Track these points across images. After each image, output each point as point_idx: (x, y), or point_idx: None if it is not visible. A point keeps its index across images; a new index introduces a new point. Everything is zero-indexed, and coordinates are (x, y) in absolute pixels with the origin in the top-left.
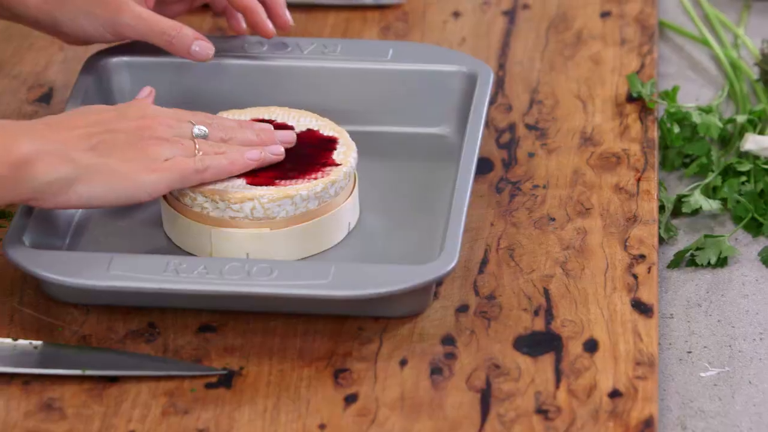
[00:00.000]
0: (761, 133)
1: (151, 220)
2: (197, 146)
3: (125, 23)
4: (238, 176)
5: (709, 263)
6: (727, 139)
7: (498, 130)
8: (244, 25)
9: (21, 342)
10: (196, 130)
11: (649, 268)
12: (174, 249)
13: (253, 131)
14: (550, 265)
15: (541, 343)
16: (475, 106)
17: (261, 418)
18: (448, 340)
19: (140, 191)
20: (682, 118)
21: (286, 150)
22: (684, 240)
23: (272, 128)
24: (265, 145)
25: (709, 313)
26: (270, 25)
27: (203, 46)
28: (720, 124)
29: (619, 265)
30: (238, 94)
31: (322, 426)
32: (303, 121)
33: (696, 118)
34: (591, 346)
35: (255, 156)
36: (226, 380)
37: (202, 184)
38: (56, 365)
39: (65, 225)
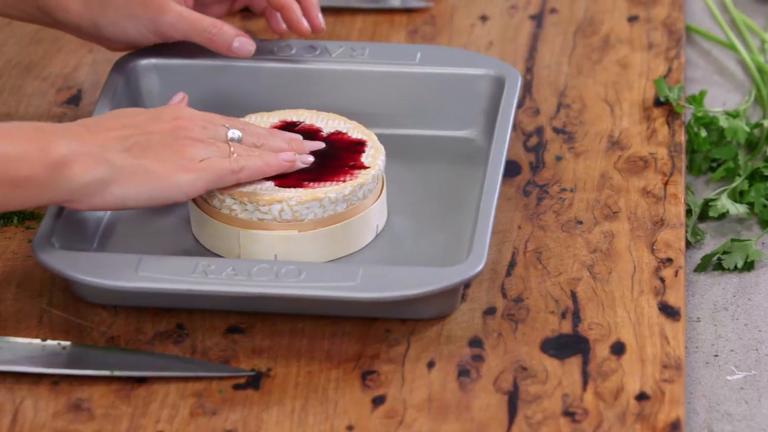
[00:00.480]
0: None
1: (179, 222)
2: (231, 148)
3: (167, 23)
4: (267, 178)
5: (735, 267)
6: (754, 144)
7: (525, 134)
8: (283, 25)
9: (50, 343)
10: (230, 134)
11: (676, 272)
12: (202, 251)
13: (284, 139)
14: (577, 268)
15: (568, 345)
16: (503, 110)
17: (289, 419)
18: (475, 343)
19: (176, 191)
20: (709, 123)
21: (316, 152)
22: (711, 244)
23: (301, 138)
24: (295, 152)
25: (736, 316)
26: (305, 23)
27: (244, 42)
28: (747, 129)
29: (646, 268)
30: (267, 96)
31: (349, 427)
32: (331, 123)
33: (723, 122)
34: (618, 348)
35: (289, 158)
36: (254, 381)
37: (236, 185)
38: (85, 366)
39: (94, 227)
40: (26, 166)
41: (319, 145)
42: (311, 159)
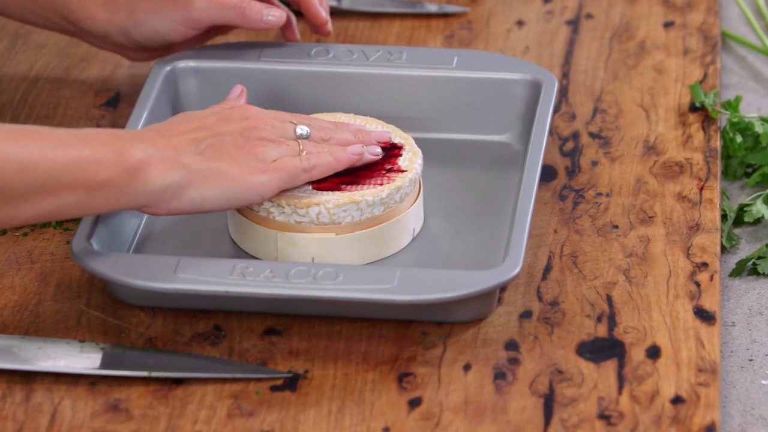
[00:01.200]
0: None
1: (216, 225)
2: (301, 146)
3: (198, 8)
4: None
5: None
6: None
7: (561, 138)
8: (298, 36)
9: (88, 343)
10: (298, 130)
11: (712, 276)
12: (240, 253)
13: (350, 132)
14: (613, 272)
15: (604, 349)
16: (540, 114)
17: (325, 420)
18: (511, 346)
19: (251, 193)
20: (744, 128)
21: None
22: (746, 249)
23: (366, 128)
24: (359, 144)
25: None
26: (323, 12)
27: (275, 13)
28: None
29: (682, 273)
30: (304, 100)
31: (386, 429)
32: (368, 127)
33: (758, 128)
34: (653, 352)
35: (358, 150)
36: (291, 383)
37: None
38: (123, 367)
39: (131, 229)
40: (104, 169)
41: (385, 134)
42: (379, 150)
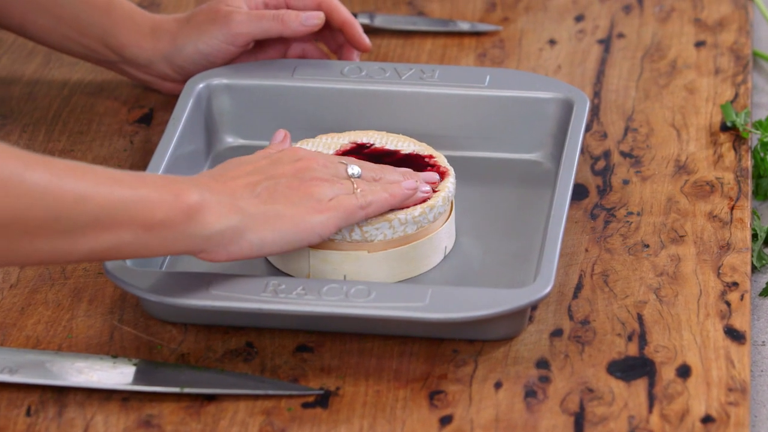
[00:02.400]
0: None
1: None
2: (355, 184)
3: (238, 22)
4: None
5: None
6: None
7: (593, 157)
8: (357, 58)
9: (120, 359)
10: (350, 170)
11: (742, 296)
12: (272, 270)
13: (399, 173)
14: (643, 291)
15: (635, 367)
16: (572, 133)
17: None
18: (542, 364)
19: (311, 233)
20: None
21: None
22: None
23: (412, 171)
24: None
25: None
26: (366, 39)
27: (312, 15)
28: None
29: (712, 292)
30: (337, 117)
31: None
32: (401, 145)
33: None
34: (684, 371)
35: (412, 186)
36: (323, 400)
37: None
38: (155, 383)
39: None
40: (160, 209)
41: (434, 176)
42: (429, 188)
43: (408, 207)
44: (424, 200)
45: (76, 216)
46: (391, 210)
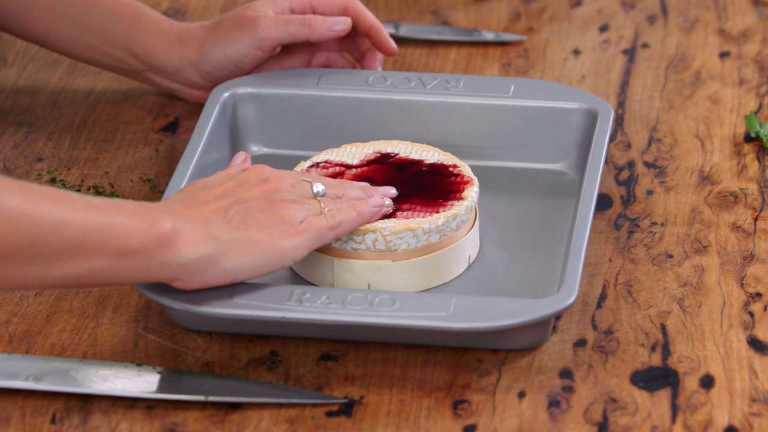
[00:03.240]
0: None
1: None
2: (321, 204)
3: (265, 26)
4: None
5: None
6: None
7: (617, 167)
8: (379, 67)
9: (145, 367)
10: (315, 189)
11: (765, 306)
12: (296, 279)
13: (357, 188)
14: (667, 302)
15: (658, 378)
16: (596, 144)
17: None
18: (566, 374)
19: (284, 257)
20: None
21: (412, 182)
22: None
23: (368, 185)
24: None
25: None
26: (393, 43)
27: (339, 20)
28: None
29: (736, 302)
30: (362, 127)
31: None
32: (425, 154)
33: None
34: (707, 382)
35: (379, 202)
36: (347, 409)
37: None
38: (179, 391)
39: None
40: (135, 236)
41: (392, 191)
42: (389, 202)
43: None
44: (386, 214)
45: (52, 242)
46: (415, 219)
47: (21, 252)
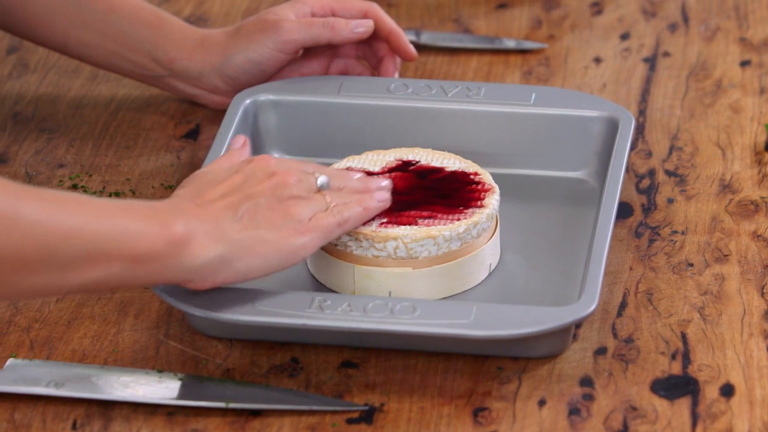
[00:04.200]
0: None
1: None
2: (327, 198)
3: (288, 29)
4: (382, 215)
5: None
6: None
7: (638, 176)
8: (396, 74)
9: (166, 374)
10: (319, 182)
11: None
12: (318, 286)
13: (356, 179)
14: (687, 310)
15: (678, 386)
16: (617, 152)
17: None
18: (586, 382)
19: (295, 256)
20: None
21: (433, 190)
22: None
23: (366, 176)
24: (370, 191)
25: None
26: (412, 48)
27: (361, 22)
28: None
29: (756, 311)
30: (382, 134)
31: None
32: (446, 162)
33: None
34: (727, 390)
35: (384, 197)
36: (368, 416)
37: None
38: (200, 397)
39: None
40: (148, 241)
41: (384, 181)
42: (388, 195)
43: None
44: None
45: (66, 251)
46: (436, 226)
47: (37, 262)
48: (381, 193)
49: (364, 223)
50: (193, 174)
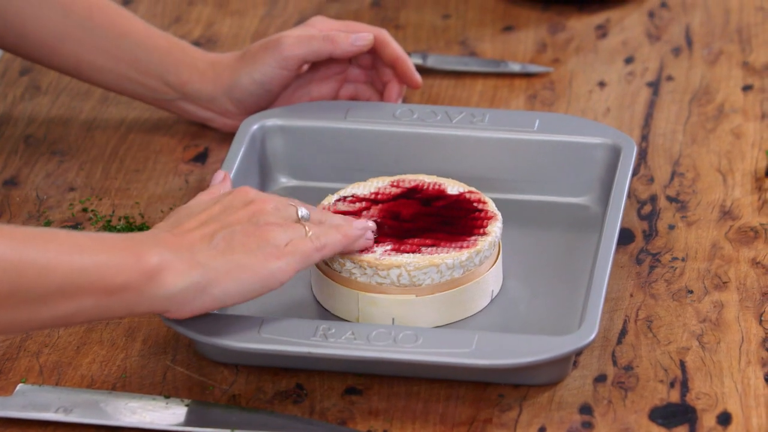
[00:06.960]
0: None
1: (299, 282)
2: (306, 227)
3: (289, 45)
4: (386, 242)
5: None
6: None
7: (639, 202)
8: (399, 100)
9: (173, 399)
10: (300, 213)
11: None
12: (322, 312)
13: (336, 216)
14: (686, 338)
15: (676, 414)
16: (619, 179)
17: None
18: (585, 409)
19: (272, 280)
20: None
21: (436, 217)
22: None
23: (349, 217)
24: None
25: None
26: (418, 76)
27: (362, 36)
28: None
29: (754, 339)
30: (388, 160)
31: None
32: (450, 189)
33: None
34: (724, 419)
35: (363, 225)
36: None
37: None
38: (206, 423)
39: None
40: (122, 273)
41: (367, 223)
42: (371, 235)
43: (353, 252)
44: (368, 247)
45: (38, 288)
46: (439, 254)
47: (7, 299)
48: (360, 221)
49: (368, 251)
50: (175, 209)
